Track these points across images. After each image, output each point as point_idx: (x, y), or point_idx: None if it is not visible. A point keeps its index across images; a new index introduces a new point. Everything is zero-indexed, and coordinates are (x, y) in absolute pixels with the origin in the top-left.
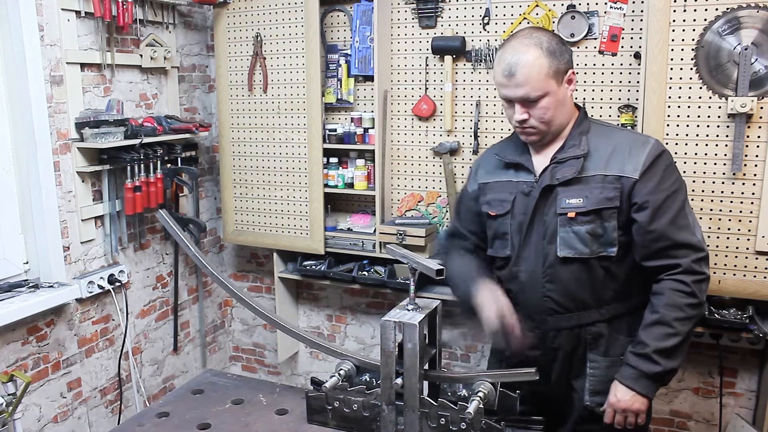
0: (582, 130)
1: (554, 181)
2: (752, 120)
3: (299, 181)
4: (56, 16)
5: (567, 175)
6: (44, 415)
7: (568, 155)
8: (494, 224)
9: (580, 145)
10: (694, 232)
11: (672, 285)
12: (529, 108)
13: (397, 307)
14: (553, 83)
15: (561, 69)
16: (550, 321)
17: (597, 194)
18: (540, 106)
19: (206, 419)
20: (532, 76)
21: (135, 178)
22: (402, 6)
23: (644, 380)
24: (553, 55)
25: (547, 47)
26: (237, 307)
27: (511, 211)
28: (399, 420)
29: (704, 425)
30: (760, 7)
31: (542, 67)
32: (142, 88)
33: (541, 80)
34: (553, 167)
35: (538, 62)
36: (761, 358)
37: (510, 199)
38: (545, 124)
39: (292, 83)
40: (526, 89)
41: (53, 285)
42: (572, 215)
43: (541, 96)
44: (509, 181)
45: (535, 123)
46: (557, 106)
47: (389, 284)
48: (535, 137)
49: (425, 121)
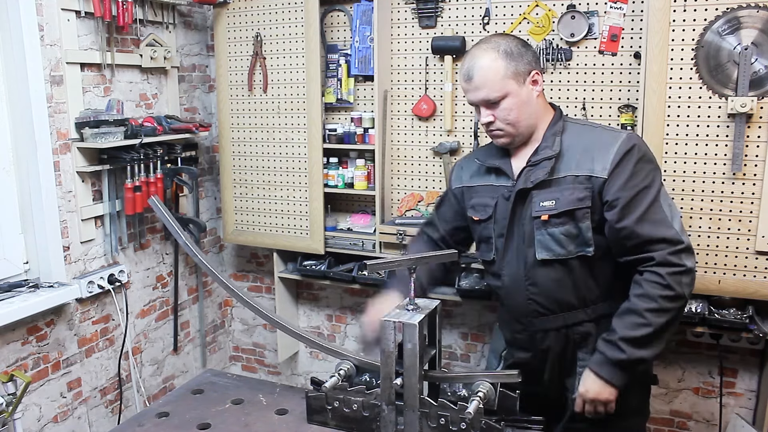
0: (555, 131)
1: (528, 184)
2: (752, 120)
3: (299, 181)
4: (56, 16)
5: (539, 177)
6: (44, 415)
7: (540, 157)
8: (479, 229)
9: (553, 146)
10: (672, 224)
11: (647, 276)
12: (492, 110)
13: (396, 307)
14: (513, 84)
15: (521, 70)
16: (536, 323)
17: (568, 195)
18: (502, 107)
19: (206, 419)
20: (488, 78)
21: (135, 178)
22: (402, 6)
23: (609, 367)
24: (510, 57)
25: (504, 50)
26: (237, 307)
27: (493, 216)
28: (399, 420)
29: (704, 425)
30: (760, 7)
31: (498, 69)
32: (142, 88)
33: (498, 82)
34: (527, 170)
35: (494, 65)
36: (761, 358)
37: (492, 203)
38: (511, 126)
39: (292, 83)
40: (484, 91)
41: (53, 285)
42: (545, 218)
43: (501, 97)
44: (491, 186)
45: (501, 125)
46: (521, 107)
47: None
48: (505, 139)
49: (425, 121)
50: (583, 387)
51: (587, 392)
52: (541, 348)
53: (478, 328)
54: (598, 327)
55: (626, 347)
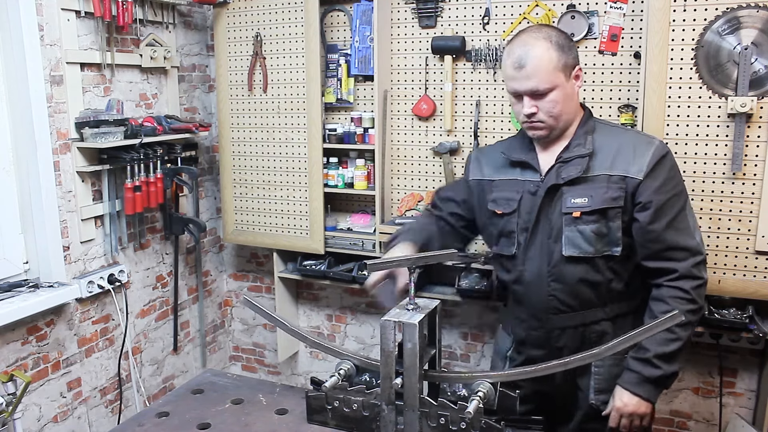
0: (587, 130)
1: (560, 181)
2: (752, 120)
3: (299, 181)
4: (56, 15)
5: (572, 174)
6: (44, 414)
7: (573, 154)
8: (501, 222)
9: (586, 144)
10: (693, 235)
11: (672, 293)
12: (537, 101)
13: (396, 307)
14: (562, 77)
15: (569, 63)
16: (554, 320)
17: (602, 194)
18: (549, 99)
19: (206, 419)
20: (541, 67)
21: (135, 178)
22: (402, 6)
23: (647, 385)
24: (561, 49)
25: (556, 41)
26: (237, 307)
27: (517, 210)
28: (399, 420)
29: (704, 425)
30: (760, 6)
31: (551, 59)
32: (142, 88)
33: (550, 73)
34: (558, 166)
35: (547, 54)
36: (761, 358)
37: (517, 198)
38: (553, 119)
39: (292, 83)
40: (535, 81)
41: (53, 285)
42: (577, 215)
43: (549, 89)
44: (515, 180)
45: (543, 117)
46: (565, 101)
47: None
48: (543, 132)
49: (425, 121)
50: (620, 402)
51: (625, 407)
52: (556, 346)
53: (478, 328)
54: (614, 326)
55: (661, 364)
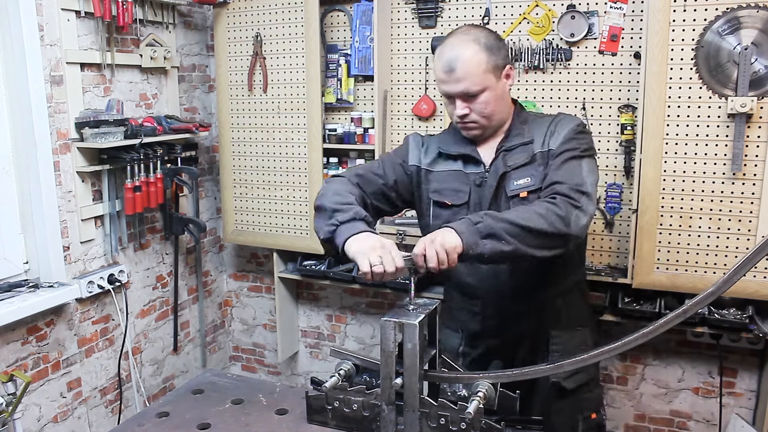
0: (522, 120)
1: (508, 168)
2: (752, 120)
3: (299, 181)
4: (56, 15)
5: (519, 161)
6: (44, 414)
7: (515, 143)
8: (446, 214)
9: (524, 133)
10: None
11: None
12: (469, 103)
13: (396, 307)
14: (492, 78)
15: (499, 64)
16: (512, 306)
17: (541, 171)
18: (480, 100)
19: (206, 419)
20: (470, 71)
21: (135, 178)
22: (402, 6)
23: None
24: (490, 51)
25: (484, 43)
26: (237, 307)
27: (467, 202)
28: (399, 420)
29: (704, 425)
30: (760, 7)
31: (480, 62)
32: (142, 88)
33: (480, 75)
34: (503, 155)
35: (476, 57)
36: (761, 358)
37: (466, 189)
38: (486, 119)
39: (292, 83)
40: (465, 84)
41: (53, 285)
42: (524, 194)
43: (480, 91)
44: (460, 172)
45: (476, 117)
46: (497, 101)
47: (389, 284)
48: (477, 132)
49: (425, 121)
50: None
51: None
52: (513, 331)
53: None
54: (564, 301)
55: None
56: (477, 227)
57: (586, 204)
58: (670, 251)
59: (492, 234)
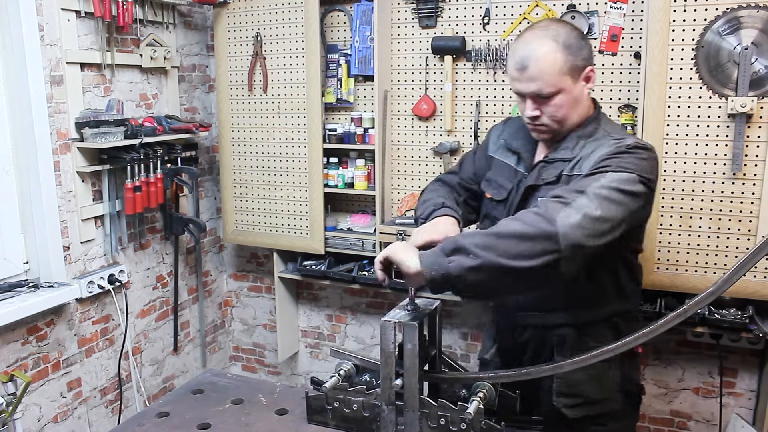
0: (583, 134)
1: (539, 182)
2: (752, 120)
3: (299, 181)
4: (56, 16)
5: (549, 177)
6: (44, 415)
7: (557, 157)
8: (488, 206)
9: (574, 148)
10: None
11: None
12: (541, 105)
13: (396, 308)
14: (568, 80)
15: (578, 65)
16: (517, 317)
17: None
18: (553, 103)
19: (206, 419)
20: (545, 70)
21: (135, 178)
22: (402, 6)
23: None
24: (569, 50)
25: (563, 41)
26: (237, 307)
27: (506, 200)
28: (399, 420)
29: (704, 425)
30: (760, 7)
31: (556, 61)
32: (142, 88)
33: (555, 76)
34: (541, 166)
35: (552, 56)
36: (761, 358)
37: (509, 187)
38: (557, 123)
39: (292, 83)
40: (538, 84)
41: (53, 285)
42: None
43: (554, 93)
44: (510, 167)
45: (546, 121)
46: (571, 105)
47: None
48: (546, 135)
49: (425, 121)
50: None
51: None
52: (519, 342)
53: (478, 328)
54: (579, 332)
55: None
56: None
57: (580, 201)
58: (670, 251)
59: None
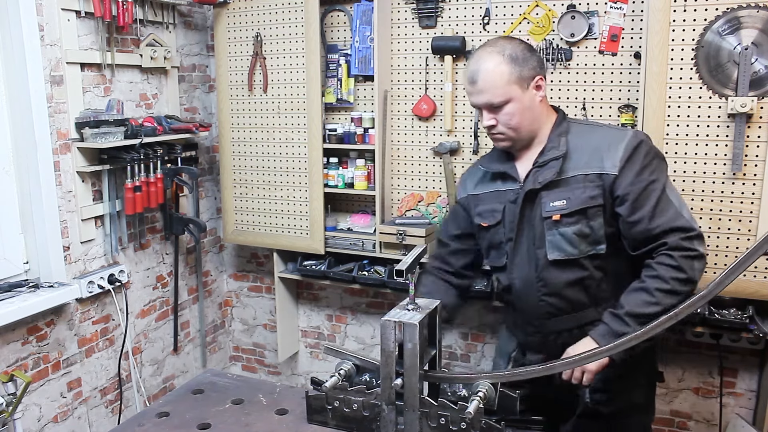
0: (560, 132)
1: (537, 185)
2: (752, 120)
3: (299, 181)
4: (56, 16)
5: (548, 177)
6: (44, 415)
7: (548, 157)
8: (488, 235)
9: (559, 146)
10: (681, 213)
11: (659, 259)
12: (495, 114)
13: (397, 307)
14: (516, 89)
15: (525, 75)
16: (549, 324)
17: (579, 194)
18: (505, 111)
19: (206, 419)
20: (492, 82)
21: (135, 178)
22: (402, 6)
23: (610, 338)
24: (515, 62)
25: (509, 54)
26: (237, 307)
27: (502, 221)
28: (399, 420)
29: (704, 425)
30: (760, 7)
31: (503, 73)
32: (142, 88)
33: (502, 86)
34: (535, 171)
35: (498, 69)
36: (761, 358)
37: (500, 208)
38: (513, 130)
39: (292, 83)
40: (488, 95)
41: (53, 285)
42: (557, 218)
43: (504, 102)
44: (497, 191)
45: (502, 129)
46: (523, 112)
47: (389, 284)
48: (505, 143)
49: (425, 121)
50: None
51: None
52: (555, 350)
53: (478, 328)
54: None
55: (631, 322)
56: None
57: (699, 245)
58: None
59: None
